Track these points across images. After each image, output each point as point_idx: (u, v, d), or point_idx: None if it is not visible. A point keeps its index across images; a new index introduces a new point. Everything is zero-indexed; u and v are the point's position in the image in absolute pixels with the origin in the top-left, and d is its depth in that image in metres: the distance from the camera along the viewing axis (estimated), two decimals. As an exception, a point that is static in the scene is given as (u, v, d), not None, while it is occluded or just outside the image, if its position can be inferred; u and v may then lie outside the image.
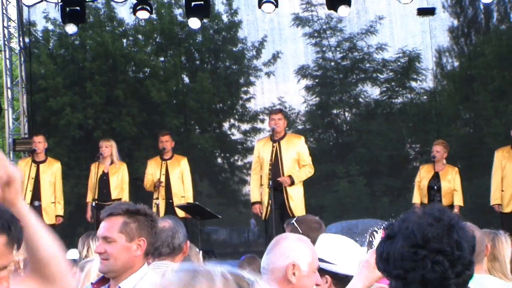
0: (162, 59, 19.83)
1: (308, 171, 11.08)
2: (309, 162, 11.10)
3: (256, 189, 11.01)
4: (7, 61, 15.53)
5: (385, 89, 18.84)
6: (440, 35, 17.73)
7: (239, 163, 19.40)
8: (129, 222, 3.83)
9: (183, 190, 11.80)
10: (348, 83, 18.91)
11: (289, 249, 3.57)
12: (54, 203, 11.86)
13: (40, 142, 11.89)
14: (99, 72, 18.66)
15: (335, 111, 19.26)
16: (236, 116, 19.51)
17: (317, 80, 19.18)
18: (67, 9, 14.74)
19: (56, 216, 11.87)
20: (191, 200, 11.48)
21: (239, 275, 1.40)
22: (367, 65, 18.83)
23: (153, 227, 3.92)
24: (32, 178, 11.75)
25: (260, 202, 10.93)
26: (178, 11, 19.00)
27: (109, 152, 11.81)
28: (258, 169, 11.03)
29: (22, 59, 15.71)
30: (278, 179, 10.71)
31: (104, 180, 11.73)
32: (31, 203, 11.57)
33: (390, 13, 17.37)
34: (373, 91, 18.77)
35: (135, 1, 14.78)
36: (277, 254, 3.59)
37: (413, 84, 18.71)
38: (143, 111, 18.76)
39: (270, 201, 10.70)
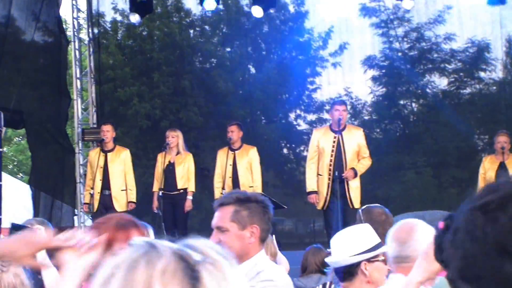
0: (228, 49, 19.90)
1: (368, 163, 11.03)
2: (368, 154, 11.05)
3: (313, 179, 10.98)
4: (77, 52, 15.75)
5: (453, 79, 18.60)
6: (511, 24, 17.39)
7: (305, 153, 19.37)
8: (240, 210, 3.83)
9: (252, 180, 11.80)
10: (415, 74, 18.71)
11: (428, 235, 3.51)
12: (124, 190, 11.94)
13: (108, 131, 12.01)
14: (166, 62, 18.81)
15: (402, 102, 19.10)
16: (302, 107, 19.49)
17: (384, 71, 19.03)
18: (136, 0, 14.89)
19: (129, 202, 11.97)
20: (259, 190, 11.47)
21: (186, 254, 1.33)
22: (435, 55, 18.61)
23: (266, 213, 3.90)
24: (101, 168, 11.89)
25: (316, 192, 10.91)
26: (244, 2, 19.03)
27: (176, 142, 11.88)
28: (316, 158, 10.99)
29: (91, 49, 15.91)
30: (343, 174, 10.67)
31: (170, 170, 11.80)
32: (101, 192, 11.74)
33: (459, 3, 17.11)
34: (440, 82, 18.55)
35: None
36: (420, 240, 3.53)
37: (482, 74, 18.43)
38: (210, 101, 18.86)
39: (330, 191, 10.69)
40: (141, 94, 18.60)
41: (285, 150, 19.92)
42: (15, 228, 4.55)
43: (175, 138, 11.88)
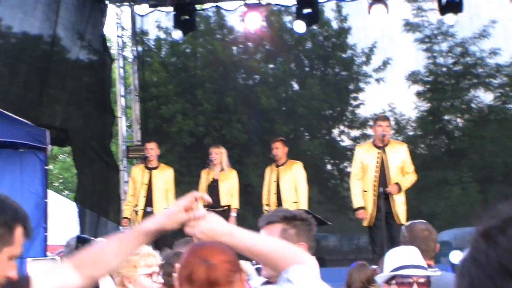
0: (271, 66, 19.97)
1: (413, 178, 10.97)
2: (413, 170, 10.99)
3: (359, 195, 10.96)
4: (121, 70, 15.95)
5: (498, 94, 18.43)
6: (557, 38, 17.22)
7: (349, 169, 19.30)
8: (287, 228, 3.87)
9: (296, 196, 11.78)
10: (460, 89, 18.59)
11: None
12: (166, 209, 12.04)
13: (152, 149, 12.11)
14: (209, 79, 18.92)
15: (446, 117, 18.96)
16: (346, 123, 19.46)
17: (428, 86, 18.94)
18: (179, 17, 15.05)
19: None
20: (305, 206, 11.46)
21: None
22: (480, 70, 18.47)
23: (311, 230, 3.96)
24: (146, 184, 11.98)
25: (364, 208, 10.89)
26: (287, 18, 19.09)
27: (219, 159, 11.94)
28: (360, 175, 10.97)
29: (135, 67, 16.09)
30: (387, 189, 10.64)
31: (214, 187, 11.85)
32: (144, 209, 11.83)
33: (504, 17, 16.97)
34: (486, 97, 18.40)
35: (245, 9, 14.94)
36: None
37: (528, 89, 18.27)
38: (253, 118, 18.91)
39: (376, 208, 10.66)
40: (185, 111, 18.71)
41: (328, 166, 19.88)
42: (81, 241, 4.71)
43: (218, 154, 11.94)
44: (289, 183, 11.77)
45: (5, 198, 2.58)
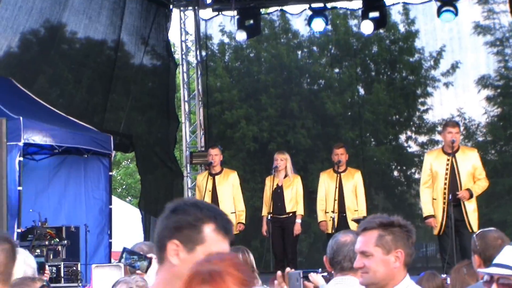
0: (337, 70, 19.88)
1: (484, 184, 10.80)
2: (484, 176, 10.81)
3: (429, 203, 10.83)
4: (185, 75, 16.05)
5: None
6: None
7: (416, 176, 19.10)
8: (384, 234, 3.88)
9: (356, 204, 11.77)
10: (532, 93, 18.28)
11: None
12: (234, 213, 11.96)
13: (216, 155, 12.14)
14: (274, 84, 18.92)
15: (518, 122, 18.64)
16: (413, 128, 19.26)
17: (499, 90, 18.61)
18: (243, 21, 15.09)
19: (238, 223, 12.00)
20: (364, 214, 11.43)
21: None
22: (554, 74, 18.13)
23: (409, 237, 3.96)
24: (210, 191, 12.00)
25: (434, 216, 10.75)
26: (353, 22, 18.99)
27: (284, 165, 11.93)
28: (430, 182, 10.84)
29: (199, 72, 16.18)
30: (457, 193, 10.49)
31: (278, 194, 11.84)
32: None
33: None
34: (560, 101, 18.05)
35: (311, 13, 14.91)
36: None
37: None
38: (318, 123, 18.85)
39: (445, 216, 10.52)
40: (249, 116, 18.73)
41: (395, 173, 19.70)
42: (128, 252, 4.66)
43: (283, 161, 11.93)
44: (351, 191, 11.75)
45: (190, 201, 2.75)
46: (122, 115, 14.81)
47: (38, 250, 10.56)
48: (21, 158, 10.41)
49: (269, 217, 11.70)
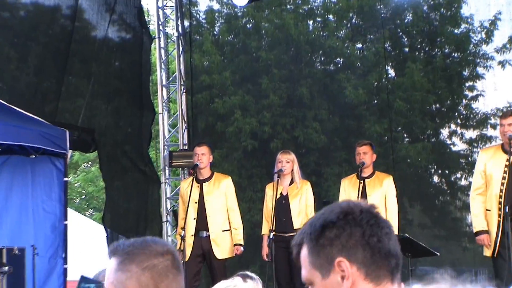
0: (359, 46, 19.89)
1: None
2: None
3: (481, 215, 10.76)
4: (162, 52, 15.99)
5: None
6: None
7: (463, 182, 19.13)
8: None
9: (386, 217, 11.72)
10: None
11: None
12: (228, 231, 11.87)
13: (204, 155, 12.04)
14: (278, 64, 18.92)
15: None
16: (459, 120, 19.28)
17: None
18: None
19: (235, 245, 11.91)
20: (396, 231, 11.37)
21: None
22: None
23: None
24: (196, 202, 11.89)
25: (487, 231, 10.71)
26: (381, -17, 19.03)
27: (290, 169, 11.88)
28: (484, 188, 10.78)
29: (181, 48, 16.13)
30: (515, 203, 10.46)
31: (283, 205, 11.77)
32: (196, 234, 11.77)
33: None
34: None
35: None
36: None
37: None
38: (335, 114, 18.86)
39: (501, 232, 10.47)
40: (245, 105, 18.73)
41: (435, 178, 19.71)
42: (85, 281, 4.67)
43: (289, 163, 11.88)
44: (379, 202, 11.65)
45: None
46: (81, 104, 14.77)
47: (-30, 279, 10.54)
48: None
49: (271, 236, 11.63)
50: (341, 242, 2.66)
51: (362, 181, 11.70)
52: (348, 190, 11.86)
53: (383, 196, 11.68)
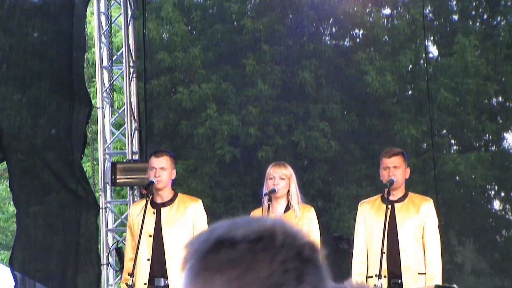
0: (387, 11, 20.00)
1: None
2: None
3: None
4: (102, 19, 15.98)
5: None
6: None
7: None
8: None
9: (424, 261, 11.76)
10: None
11: None
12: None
13: (163, 169, 12.01)
14: (268, 37, 18.97)
15: None
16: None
17: None
18: None
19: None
20: (438, 281, 11.42)
21: None
22: None
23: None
24: (150, 236, 11.87)
25: None
26: None
27: (286, 188, 11.85)
28: None
29: (129, 14, 16.14)
30: None
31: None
32: (150, 283, 11.75)
33: None
34: None
35: None
36: None
37: None
38: (351, 110, 18.90)
39: None
40: (222, 97, 18.76)
41: (496, 204, 19.83)
42: None
43: (284, 180, 11.85)
44: (414, 237, 11.66)
45: None
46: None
47: None
48: None
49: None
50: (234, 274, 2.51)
51: (390, 207, 11.69)
52: (369, 220, 11.83)
53: (420, 228, 11.65)
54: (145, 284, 11.70)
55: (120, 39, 16.33)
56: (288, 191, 11.81)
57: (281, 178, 11.76)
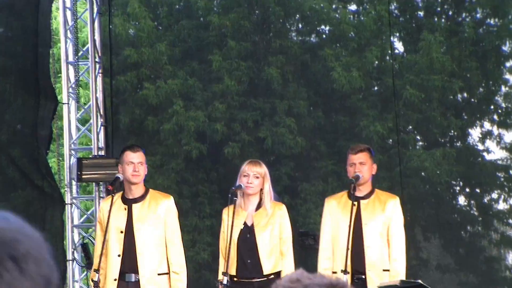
0: (353, 8, 20.00)
1: None
2: None
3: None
4: (67, 14, 15.95)
5: None
6: None
7: (501, 206, 19.23)
8: None
9: (389, 258, 11.79)
10: None
11: None
12: (166, 274, 11.78)
13: (141, 163, 11.95)
14: (235, 32, 18.96)
15: None
16: (495, 117, 19.51)
17: None
18: None
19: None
20: (402, 275, 11.43)
21: None
22: None
23: None
24: (122, 232, 11.80)
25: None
26: None
27: (259, 186, 11.81)
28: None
29: (95, 9, 16.11)
30: None
31: (246, 240, 11.61)
32: (121, 278, 11.68)
33: None
34: None
35: None
36: None
37: None
38: (318, 106, 18.90)
39: None
40: (189, 93, 18.74)
41: (461, 200, 19.87)
42: None
43: (259, 179, 11.82)
44: (380, 234, 11.67)
45: None
46: None
47: None
48: None
49: (225, 282, 11.63)
50: None
51: (356, 203, 11.68)
52: (335, 216, 11.78)
53: (385, 225, 11.63)
54: (115, 280, 11.60)
55: (86, 34, 16.29)
56: (261, 189, 11.78)
57: (256, 177, 11.69)
